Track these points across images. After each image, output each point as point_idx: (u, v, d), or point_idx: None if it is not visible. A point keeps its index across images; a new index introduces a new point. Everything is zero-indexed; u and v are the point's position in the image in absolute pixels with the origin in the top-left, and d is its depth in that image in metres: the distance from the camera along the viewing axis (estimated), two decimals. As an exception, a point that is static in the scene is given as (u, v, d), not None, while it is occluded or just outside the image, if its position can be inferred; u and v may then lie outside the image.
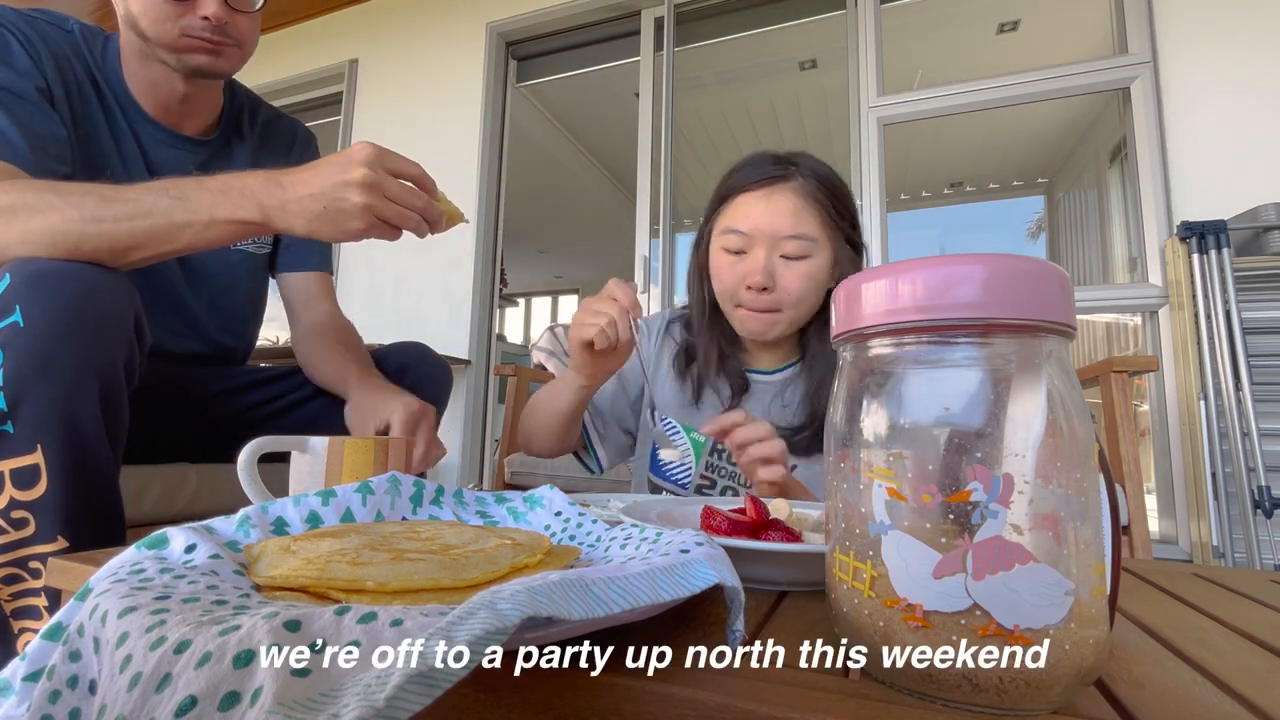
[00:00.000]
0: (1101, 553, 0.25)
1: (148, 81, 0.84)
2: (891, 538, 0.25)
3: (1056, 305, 0.25)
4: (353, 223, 0.61)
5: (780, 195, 0.81)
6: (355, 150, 0.62)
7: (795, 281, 0.81)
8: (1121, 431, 1.24)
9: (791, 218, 0.80)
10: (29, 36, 0.76)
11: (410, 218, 0.64)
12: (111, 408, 0.59)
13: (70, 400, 0.55)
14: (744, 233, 0.81)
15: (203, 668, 0.20)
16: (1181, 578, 0.51)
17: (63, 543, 0.55)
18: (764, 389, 0.92)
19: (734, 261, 0.83)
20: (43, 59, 0.76)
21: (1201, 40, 1.86)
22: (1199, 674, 0.29)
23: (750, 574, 0.41)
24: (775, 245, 0.80)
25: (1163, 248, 1.81)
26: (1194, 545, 1.66)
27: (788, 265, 0.81)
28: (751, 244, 0.81)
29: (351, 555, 0.30)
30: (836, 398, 0.29)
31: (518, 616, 0.21)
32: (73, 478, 0.56)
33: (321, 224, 0.62)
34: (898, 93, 2.17)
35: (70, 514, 0.55)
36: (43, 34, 0.78)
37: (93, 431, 0.57)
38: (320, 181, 0.61)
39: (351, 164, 0.61)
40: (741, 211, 0.82)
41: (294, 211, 0.62)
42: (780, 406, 0.89)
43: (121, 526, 0.61)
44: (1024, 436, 0.24)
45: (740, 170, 0.85)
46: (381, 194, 0.61)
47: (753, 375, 0.93)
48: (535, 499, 0.49)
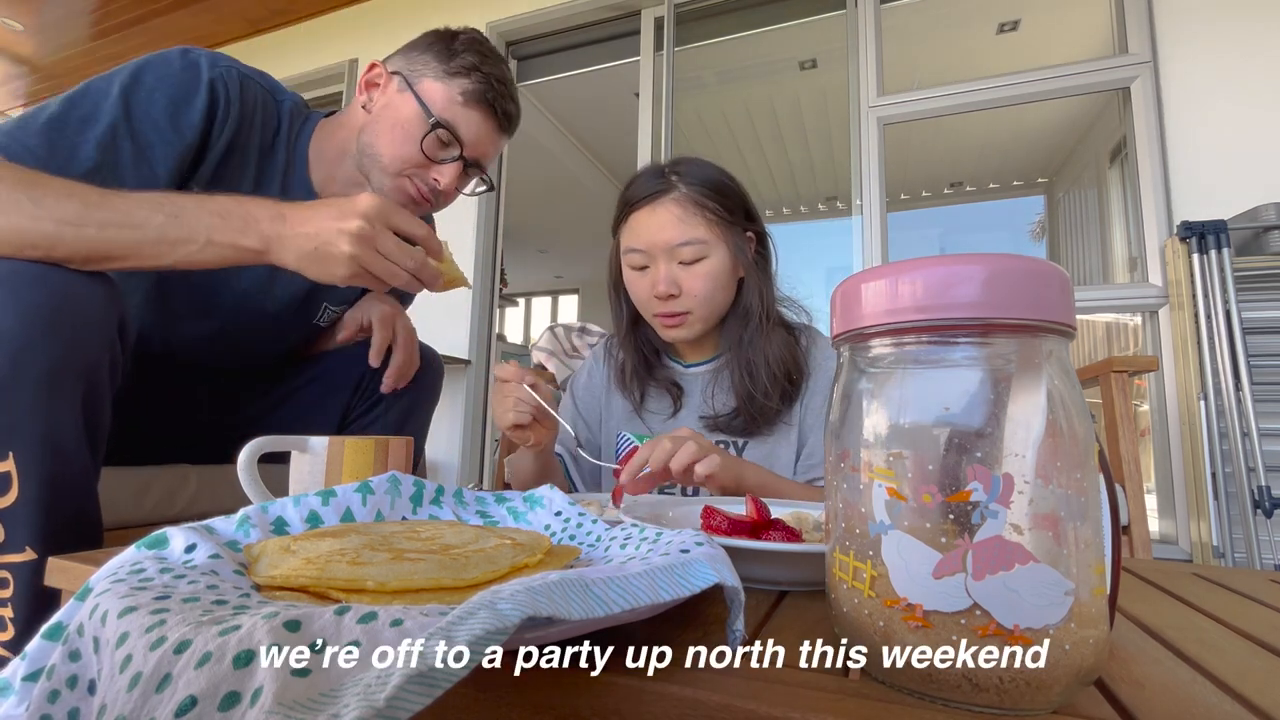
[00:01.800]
0: (1101, 552, 0.25)
1: (326, 175, 0.87)
2: (891, 538, 0.25)
3: (1056, 305, 0.25)
4: (338, 269, 0.62)
5: (663, 208, 0.85)
6: (359, 200, 0.63)
7: (697, 283, 0.85)
8: (1121, 431, 1.24)
9: (678, 226, 0.84)
10: (228, 99, 0.77)
11: (398, 276, 0.64)
12: (92, 413, 0.58)
13: (45, 406, 0.53)
14: (641, 249, 0.87)
15: (203, 668, 0.20)
16: (1181, 577, 0.51)
17: (31, 554, 0.53)
18: (694, 383, 0.96)
19: (639, 276, 0.89)
20: (225, 122, 0.77)
21: (1202, 40, 1.86)
22: (1199, 674, 0.29)
23: (750, 574, 0.41)
24: (671, 254, 0.85)
25: (1163, 247, 1.81)
26: (1194, 545, 1.66)
27: (687, 270, 0.86)
28: (651, 258, 0.87)
29: (351, 555, 0.30)
30: (836, 398, 0.29)
31: (518, 616, 0.21)
32: (47, 486, 0.54)
33: (310, 263, 0.62)
34: (898, 93, 2.17)
35: (43, 523, 0.54)
36: (249, 97, 0.79)
37: (70, 438, 0.55)
38: (317, 223, 0.62)
39: (350, 213, 0.62)
40: (634, 229, 0.88)
41: (289, 246, 0.62)
42: (713, 394, 0.94)
43: (98, 535, 0.60)
44: (1024, 436, 0.24)
45: (629, 187, 0.91)
46: (373, 248, 0.62)
47: (684, 370, 0.98)
48: (535, 499, 0.49)
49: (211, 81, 0.76)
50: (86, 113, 0.70)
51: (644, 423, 0.97)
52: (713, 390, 0.93)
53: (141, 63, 0.74)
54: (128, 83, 0.72)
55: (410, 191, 0.85)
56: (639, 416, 0.98)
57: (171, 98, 0.74)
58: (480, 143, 0.86)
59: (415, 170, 0.84)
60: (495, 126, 0.86)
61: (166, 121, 0.74)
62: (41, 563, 0.52)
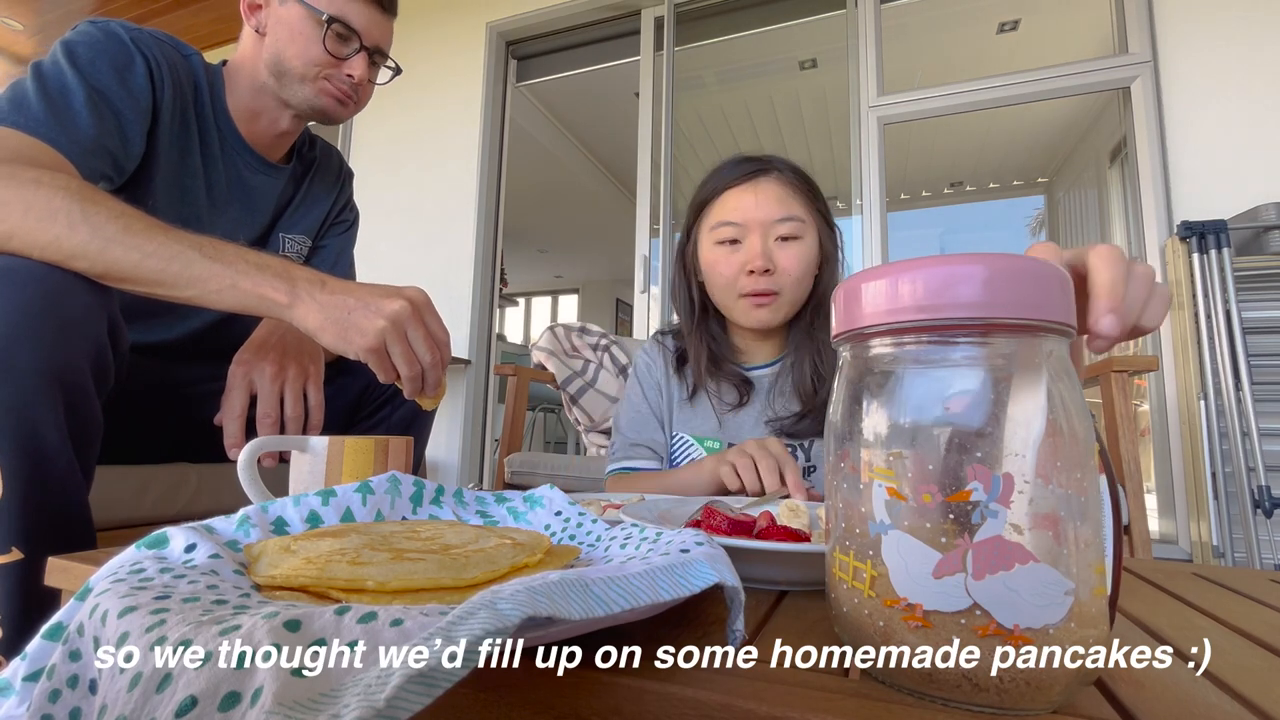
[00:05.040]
0: (1102, 552, 0.25)
1: (250, 112, 0.90)
2: (891, 537, 0.25)
3: (1057, 305, 0.25)
4: (360, 339, 0.62)
5: (765, 184, 0.87)
6: (409, 289, 0.64)
7: (792, 261, 0.86)
8: (1121, 431, 1.24)
9: (780, 203, 0.86)
10: (157, 60, 0.79)
11: (413, 365, 0.64)
12: (78, 412, 0.57)
13: (28, 405, 0.53)
14: (737, 223, 0.86)
15: (203, 668, 0.20)
16: (1181, 577, 0.51)
17: (17, 554, 0.52)
18: (761, 383, 0.95)
19: (730, 252, 0.88)
20: (165, 84, 0.79)
21: (1202, 40, 1.86)
22: (1198, 674, 0.29)
23: (750, 574, 0.41)
24: (769, 229, 0.86)
25: (1163, 247, 1.81)
26: (1194, 545, 1.66)
27: (783, 246, 0.86)
28: (745, 233, 0.86)
29: (352, 555, 0.30)
30: (836, 397, 0.29)
31: (518, 616, 0.21)
32: (30, 486, 0.53)
33: (333, 327, 0.62)
34: (898, 92, 2.17)
35: (27, 524, 0.53)
36: (168, 58, 0.81)
37: (53, 438, 0.55)
38: (361, 294, 0.62)
39: (396, 295, 0.63)
40: (729, 205, 0.88)
41: (320, 306, 0.62)
42: (778, 396, 0.93)
43: (90, 536, 0.59)
44: (1024, 436, 0.24)
45: (720, 171, 0.91)
46: (402, 332, 0.63)
47: (748, 372, 0.95)
48: (535, 499, 0.49)
49: (135, 43, 0.77)
50: (58, 90, 0.70)
51: (713, 413, 0.95)
52: (774, 395, 0.93)
53: (65, 42, 0.74)
54: (70, 60, 0.72)
55: (332, 92, 0.88)
56: (690, 405, 0.96)
57: (114, 65, 0.74)
58: (373, 28, 0.89)
59: (328, 71, 0.87)
60: (379, 9, 0.90)
61: (122, 89, 0.74)
62: (29, 563, 0.52)
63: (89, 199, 0.60)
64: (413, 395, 0.67)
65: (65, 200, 0.59)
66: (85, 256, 0.58)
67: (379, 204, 2.80)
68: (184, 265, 0.61)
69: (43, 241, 0.57)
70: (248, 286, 0.62)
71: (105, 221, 0.59)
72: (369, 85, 0.94)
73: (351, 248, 1.12)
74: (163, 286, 0.61)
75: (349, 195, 1.12)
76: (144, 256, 0.60)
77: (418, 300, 0.64)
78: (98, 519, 0.61)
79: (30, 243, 0.57)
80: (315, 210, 1.04)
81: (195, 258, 0.61)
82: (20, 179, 0.59)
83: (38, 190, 0.58)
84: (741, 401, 0.94)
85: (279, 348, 0.77)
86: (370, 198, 1.59)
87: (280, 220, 1.00)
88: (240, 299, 0.62)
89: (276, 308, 0.62)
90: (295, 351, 0.78)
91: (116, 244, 0.59)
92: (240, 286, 0.62)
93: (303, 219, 1.02)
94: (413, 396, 0.67)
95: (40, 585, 0.42)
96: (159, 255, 0.60)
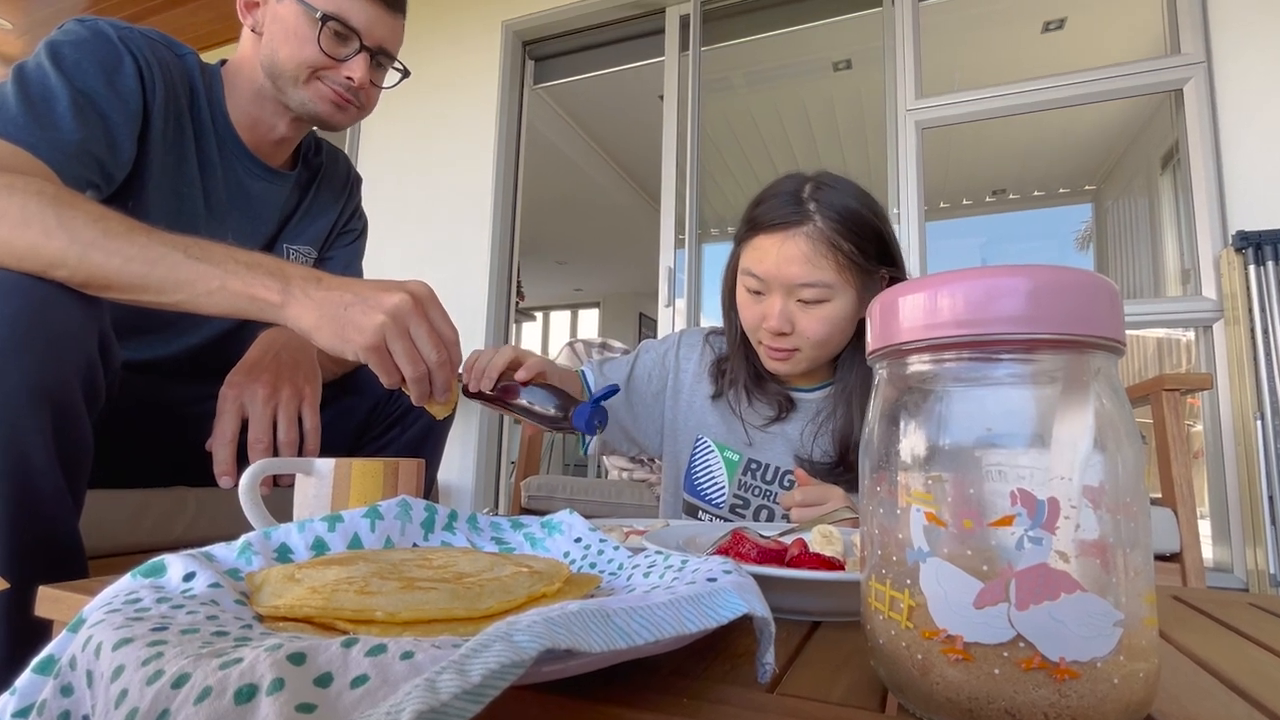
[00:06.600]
0: (1152, 581, 0.24)
1: (251, 117, 0.87)
2: (930, 565, 0.24)
3: (1105, 319, 0.24)
4: (358, 337, 0.57)
5: (793, 243, 0.79)
6: (411, 282, 0.60)
7: (813, 325, 0.81)
8: (1173, 453, 1.20)
9: (804, 266, 0.79)
10: (148, 61, 0.76)
11: (417, 364, 0.59)
12: (67, 432, 0.55)
13: (14, 425, 0.51)
14: (760, 277, 0.82)
15: (202, 703, 0.19)
16: (1236, 607, 0.49)
17: (3, 583, 0.50)
18: (804, 407, 0.92)
19: (753, 301, 0.85)
20: (156, 86, 0.77)
21: (1259, 39, 1.79)
22: (1256, 710, 0.27)
23: (781, 604, 0.40)
24: (791, 291, 0.80)
25: (1217, 259, 1.75)
26: (1250, 573, 1.59)
27: (805, 309, 0.81)
28: (768, 288, 0.82)
29: (359, 584, 0.29)
30: (872, 417, 0.29)
31: (535, 649, 0.20)
32: (16, 510, 0.51)
33: (329, 325, 0.58)
34: (936, 95, 2.13)
35: (14, 551, 0.50)
36: (160, 58, 0.79)
37: (41, 459, 0.52)
38: (359, 289, 0.59)
39: (399, 288, 0.59)
40: (757, 255, 0.82)
41: (316, 303, 0.58)
42: (818, 424, 0.90)
43: (81, 563, 0.56)
44: (1070, 458, 0.23)
45: (763, 203, 0.85)
46: (404, 328, 0.58)
47: (792, 394, 0.93)
48: (554, 524, 0.47)
49: (125, 43, 0.74)
50: (41, 93, 0.68)
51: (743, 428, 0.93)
52: (819, 419, 0.90)
53: (49, 42, 0.71)
54: (54, 61, 0.70)
55: (328, 95, 0.84)
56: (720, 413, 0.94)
57: (101, 66, 0.72)
58: (375, 27, 0.84)
59: (324, 72, 0.83)
60: (383, 6, 0.84)
61: (110, 91, 0.72)
62: (16, 593, 0.50)
63: (65, 203, 0.57)
64: (420, 401, 0.62)
65: (39, 205, 0.56)
66: (65, 264, 0.55)
67: (389, 212, 2.73)
68: (169, 268, 0.57)
69: (20, 250, 0.54)
70: (238, 287, 0.58)
71: (83, 226, 0.56)
72: (373, 89, 0.89)
73: (360, 259, 1.07)
74: (148, 292, 0.58)
75: (357, 202, 1.08)
76: (126, 261, 0.57)
77: (420, 293, 0.60)
78: (90, 546, 0.59)
79: (6, 252, 0.54)
80: (322, 219, 1.00)
81: (180, 259, 0.58)
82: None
83: (10, 197, 0.56)
84: (780, 416, 0.91)
85: (272, 368, 0.73)
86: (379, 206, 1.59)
87: (285, 230, 0.96)
88: (231, 300, 0.59)
89: (269, 308, 0.59)
90: (289, 372, 0.74)
91: (96, 249, 0.56)
92: (230, 287, 0.58)
93: (308, 228, 0.98)
94: (421, 403, 0.62)
95: (30, 616, 0.40)
96: (141, 259, 0.57)
